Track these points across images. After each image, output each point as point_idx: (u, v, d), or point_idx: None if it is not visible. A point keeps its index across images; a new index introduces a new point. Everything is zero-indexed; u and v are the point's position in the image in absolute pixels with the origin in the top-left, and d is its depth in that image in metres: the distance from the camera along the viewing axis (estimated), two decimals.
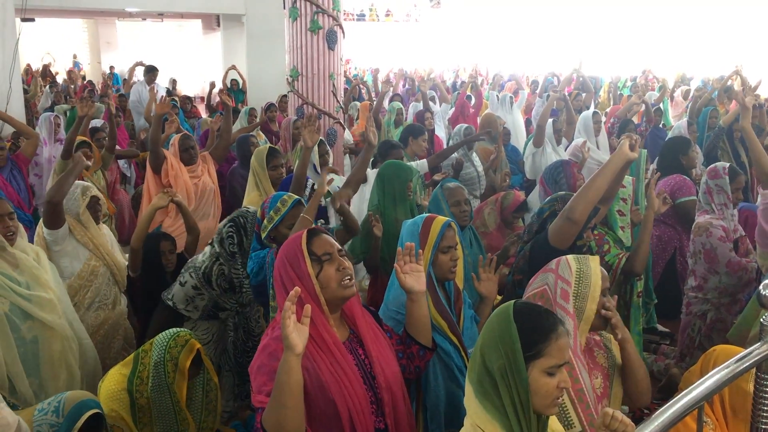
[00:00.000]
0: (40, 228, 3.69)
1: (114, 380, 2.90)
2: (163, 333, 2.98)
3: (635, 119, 7.69)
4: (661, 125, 8.05)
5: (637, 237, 3.60)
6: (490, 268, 2.85)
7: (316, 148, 4.79)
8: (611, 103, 10.90)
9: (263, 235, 3.29)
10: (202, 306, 3.54)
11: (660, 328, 4.69)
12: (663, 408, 1.79)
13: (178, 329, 3.01)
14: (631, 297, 3.70)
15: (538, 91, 10.23)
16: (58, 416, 2.44)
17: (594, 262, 2.28)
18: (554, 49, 21.30)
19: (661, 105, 8.89)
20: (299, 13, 6.17)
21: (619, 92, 11.69)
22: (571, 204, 2.88)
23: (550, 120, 6.43)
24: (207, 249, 3.62)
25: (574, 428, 2.09)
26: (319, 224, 3.56)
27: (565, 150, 6.19)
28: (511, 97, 8.95)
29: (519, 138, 8.30)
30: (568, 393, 2.11)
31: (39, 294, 3.16)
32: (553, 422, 1.84)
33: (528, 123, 9.14)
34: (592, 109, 7.16)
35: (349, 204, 4.83)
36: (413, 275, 2.22)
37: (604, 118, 7.07)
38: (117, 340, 3.95)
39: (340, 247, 2.12)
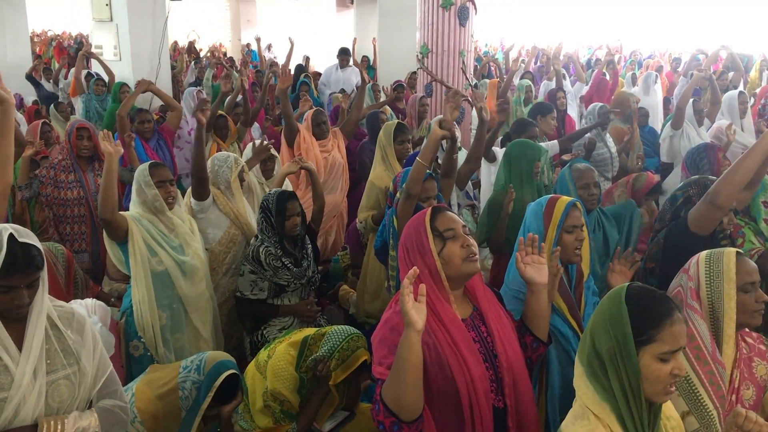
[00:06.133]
0: (188, 198, 3.96)
1: (282, 359, 3.01)
2: (339, 330, 3.02)
3: None
4: None
5: None
6: (627, 261, 2.70)
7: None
8: (762, 82, 10.07)
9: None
10: (266, 287, 3.68)
11: None
12: None
13: (353, 332, 3.01)
14: None
15: (680, 69, 9.63)
16: (200, 374, 2.63)
17: (729, 255, 2.15)
18: (701, 24, 19.91)
19: None
20: None
21: None
22: (715, 188, 2.73)
23: (691, 100, 6.05)
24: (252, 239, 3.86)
25: (704, 407, 2.01)
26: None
27: (708, 132, 5.82)
28: (656, 75, 8.49)
29: (656, 119, 7.89)
30: (698, 375, 2.03)
31: (190, 261, 3.42)
32: (668, 409, 1.79)
33: (667, 102, 8.65)
34: (740, 88, 6.67)
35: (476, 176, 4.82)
36: (534, 266, 2.19)
37: (753, 99, 6.57)
38: None
39: (464, 224, 2.12)
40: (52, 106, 7.27)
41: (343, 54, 9.70)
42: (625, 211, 3.79)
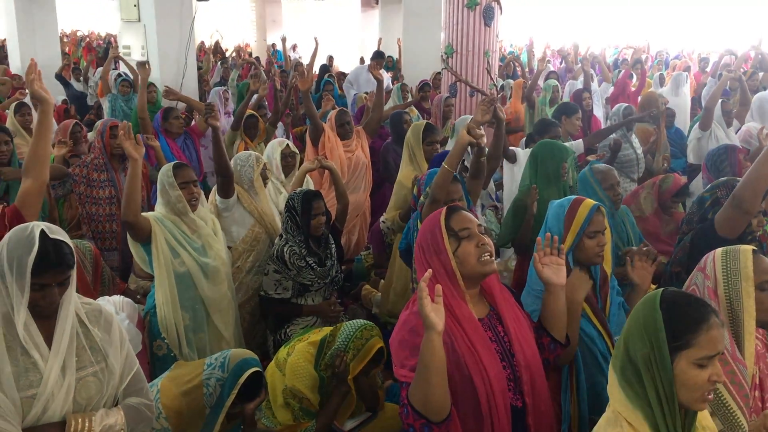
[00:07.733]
0: (213, 196, 4.00)
1: (302, 357, 3.06)
2: (353, 322, 3.10)
3: None
4: None
5: None
6: (648, 258, 2.70)
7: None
8: None
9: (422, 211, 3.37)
10: (290, 286, 3.71)
11: None
12: None
13: (365, 323, 3.10)
14: None
15: (708, 70, 9.50)
16: (224, 371, 2.65)
17: (745, 253, 2.12)
18: (729, 23, 19.61)
19: None
20: None
21: None
22: (738, 191, 2.69)
23: (720, 101, 5.96)
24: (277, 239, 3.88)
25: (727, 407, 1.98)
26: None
27: (737, 133, 5.74)
28: (686, 76, 8.38)
29: (684, 120, 7.80)
30: (725, 384, 2.00)
31: (212, 263, 3.44)
32: (704, 418, 1.75)
33: (695, 103, 8.55)
34: None
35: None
36: (552, 267, 2.19)
37: None
38: None
39: (479, 223, 2.12)
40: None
41: (378, 57, 9.69)
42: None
